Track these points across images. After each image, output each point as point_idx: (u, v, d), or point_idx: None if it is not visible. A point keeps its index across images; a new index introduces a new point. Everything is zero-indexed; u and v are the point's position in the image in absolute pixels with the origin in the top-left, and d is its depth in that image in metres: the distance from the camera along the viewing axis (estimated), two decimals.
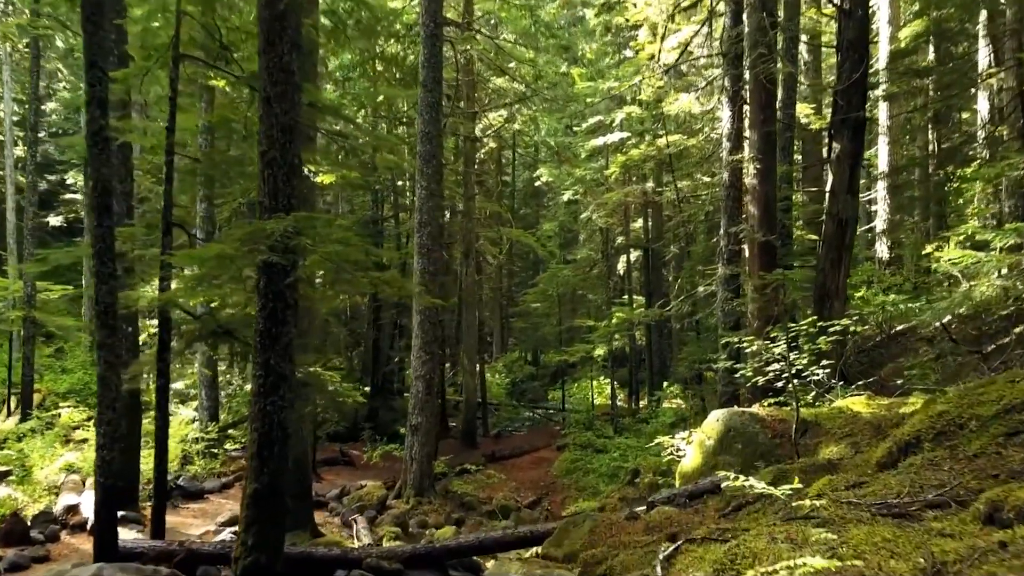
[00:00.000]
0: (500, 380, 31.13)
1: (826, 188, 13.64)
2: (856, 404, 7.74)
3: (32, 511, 11.01)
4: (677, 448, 10.01)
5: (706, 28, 16.32)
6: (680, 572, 3.71)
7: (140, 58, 9.00)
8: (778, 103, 13.61)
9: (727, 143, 12.79)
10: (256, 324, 6.09)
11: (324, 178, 9.61)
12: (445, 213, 23.60)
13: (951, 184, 15.89)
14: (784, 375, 7.79)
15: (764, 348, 7.74)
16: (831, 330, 7.74)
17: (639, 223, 24.41)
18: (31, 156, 19.91)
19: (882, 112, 18.99)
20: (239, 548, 5.83)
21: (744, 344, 8.74)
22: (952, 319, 9.15)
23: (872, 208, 20.69)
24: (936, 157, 19.37)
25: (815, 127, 18.21)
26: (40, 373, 21.30)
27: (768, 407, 8.53)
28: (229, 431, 17.03)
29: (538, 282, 27.46)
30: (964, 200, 16.73)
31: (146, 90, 10.14)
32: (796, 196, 17.36)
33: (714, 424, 8.05)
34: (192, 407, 18.33)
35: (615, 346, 21.16)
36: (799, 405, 7.13)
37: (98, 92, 7.36)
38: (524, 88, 21.45)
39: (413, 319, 13.88)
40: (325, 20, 14.30)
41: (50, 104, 33.11)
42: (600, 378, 27.69)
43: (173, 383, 19.58)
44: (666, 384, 21.10)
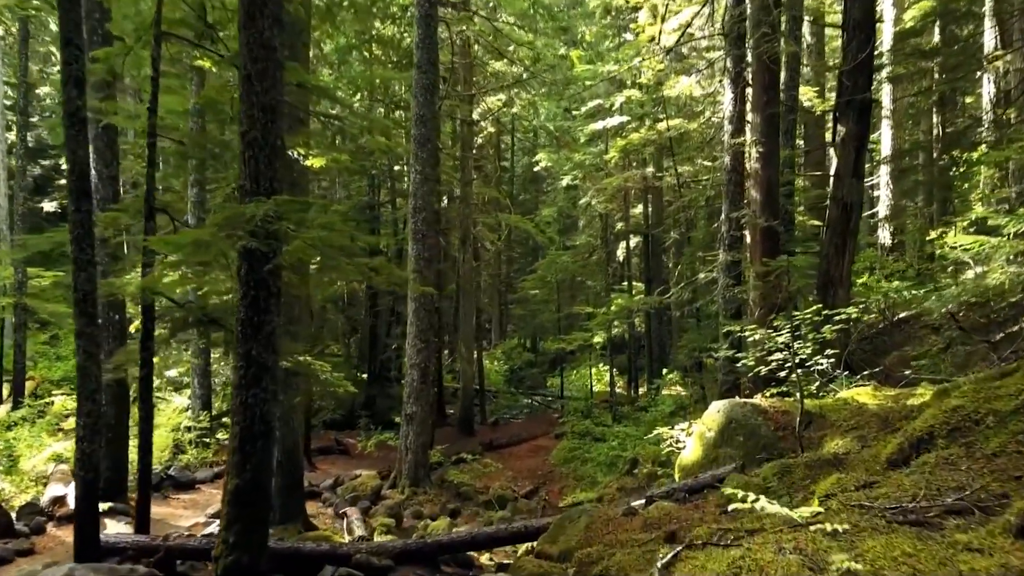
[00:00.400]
0: (498, 367, 30.93)
1: (830, 172, 13.36)
2: (862, 395, 7.49)
3: (18, 502, 10.81)
4: (676, 440, 9.77)
5: (707, 9, 15.94)
6: None
7: (132, 39, 8.69)
8: (781, 85, 13.28)
9: (729, 126, 12.47)
10: (237, 313, 5.83)
11: (314, 161, 9.31)
12: (443, 199, 23.30)
13: (957, 169, 15.59)
14: (787, 364, 7.55)
15: (767, 337, 7.48)
16: (836, 318, 7.49)
17: (639, 209, 24.10)
18: (21, 140, 19.60)
19: (885, 95, 18.63)
20: (220, 547, 5.60)
21: (746, 333, 8.48)
22: (959, 307, 8.88)
23: (875, 194, 20.38)
24: (940, 141, 19.03)
25: (818, 110, 17.87)
26: (34, 360, 21.09)
27: (770, 398, 8.28)
28: (222, 420, 16.79)
29: (537, 268, 27.19)
30: (970, 185, 16.44)
31: (130, 70, 9.84)
32: (798, 181, 17.04)
33: (715, 416, 7.80)
34: (186, 395, 18.11)
35: (614, 333, 20.90)
36: (803, 397, 6.87)
37: (74, 71, 7.06)
38: (522, 71, 21.07)
39: (408, 307, 13.62)
40: (319, 0, 13.96)
41: (44, 88, 32.64)
42: (599, 365, 27.47)
43: (167, 371, 19.40)
44: (665, 371, 20.87)
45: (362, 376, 25.54)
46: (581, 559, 5.48)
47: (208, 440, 15.38)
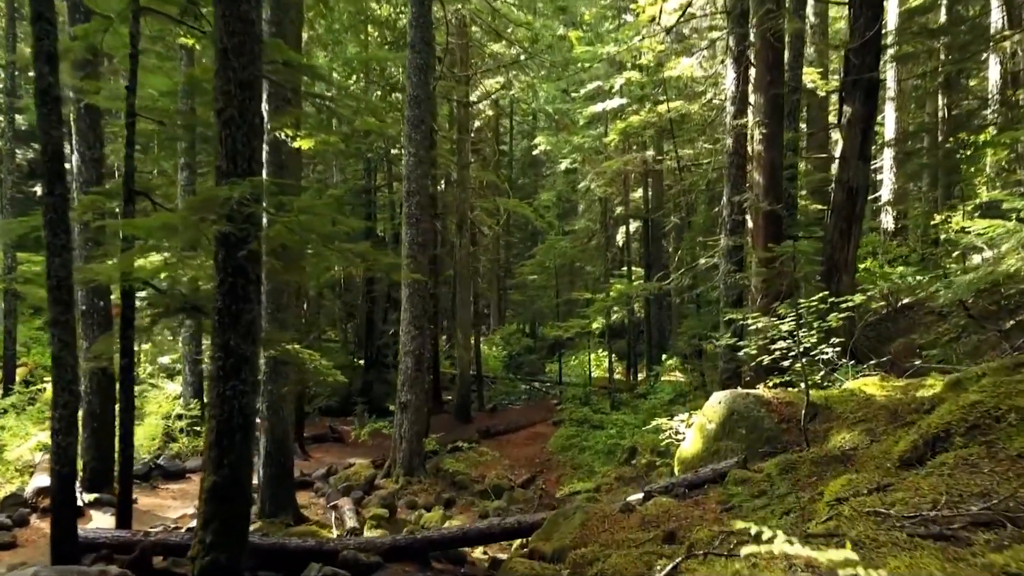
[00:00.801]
0: (497, 353, 30.68)
1: (835, 154, 13.03)
2: (869, 385, 7.21)
3: (2, 493, 10.58)
4: (676, 431, 9.50)
5: None
6: None
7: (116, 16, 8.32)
8: (785, 64, 12.90)
9: (731, 107, 12.11)
10: (214, 301, 5.53)
11: (302, 143, 8.98)
12: (440, 183, 22.92)
13: (963, 152, 15.25)
14: (791, 353, 7.26)
15: (771, 325, 7.19)
16: (843, 306, 7.19)
17: (639, 193, 23.73)
18: (10, 123, 19.22)
19: (890, 76, 18.25)
20: (196, 547, 5.33)
21: (748, 321, 8.19)
22: (971, 294, 8.58)
23: (878, 177, 20.03)
24: (946, 124, 18.65)
25: (822, 92, 17.47)
26: (27, 347, 20.80)
27: (773, 388, 8.00)
28: None
29: (535, 253, 26.87)
30: (976, 169, 16.10)
31: (112, 48, 9.48)
32: (800, 164, 16.68)
33: (716, 407, 7.53)
34: (178, 382, 17.85)
35: (613, 319, 20.61)
36: (809, 388, 6.59)
37: (46, 46, 6.73)
38: (520, 52, 20.63)
39: (402, 292, 13.32)
40: None
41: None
42: (598, 350, 27.20)
43: (160, 358, 19.13)
44: (665, 357, 20.61)
45: (359, 362, 25.29)
46: (575, 560, 5.22)
47: (199, 428, 15.11)
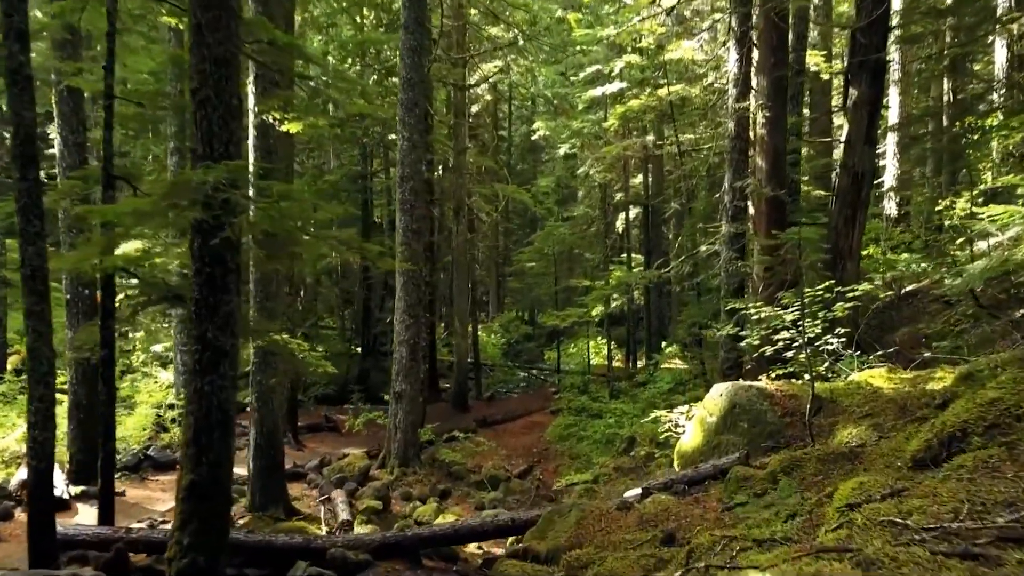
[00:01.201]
0: (496, 340, 30.45)
1: (839, 139, 12.70)
2: (876, 378, 6.95)
3: None
4: (675, 423, 9.25)
5: None
6: None
7: None
8: (788, 46, 12.55)
9: (733, 89, 11.76)
10: (191, 292, 5.26)
11: (290, 127, 8.67)
12: (438, 168, 22.57)
13: (969, 136, 14.93)
14: (795, 344, 7.00)
15: (775, 315, 6.93)
16: (849, 295, 6.93)
17: (639, 178, 23.40)
18: None
19: (894, 59, 17.87)
20: (173, 548, 5.09)
21: (751, 310, 7.92)
22: (985, 283, 8.31)
23: (881, 163, 19.70)
24: (951, 108, 18.30)
25: (825, 75, 17.12)
26: (20, 334, 20.55)
27: (776, 380, 7.74)
28: None
29: (534, 240, 26.56)
30: (983, 154, 15.79)
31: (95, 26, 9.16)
32: (802, 149, 16.35)
33: (717, 399, 7.27)
34: (171, 371, 17.61)
35: (613, 307, 20.34)
36: (814, 380, 6.32)
37: (16, 23, 6.43)
38: (518, 34, 20.24)
39: (396, 281, 13.04)
40: None
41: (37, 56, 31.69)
42: (597, 338, 26.96)
43: (153, 346, 18.88)
44: (665, 344, 20.37)
45: (356, 349, 25.05)
46: (570, 563, 4.99)
47: None
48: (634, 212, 24.90)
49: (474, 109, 24.37)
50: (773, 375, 7.99)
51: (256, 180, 6.62)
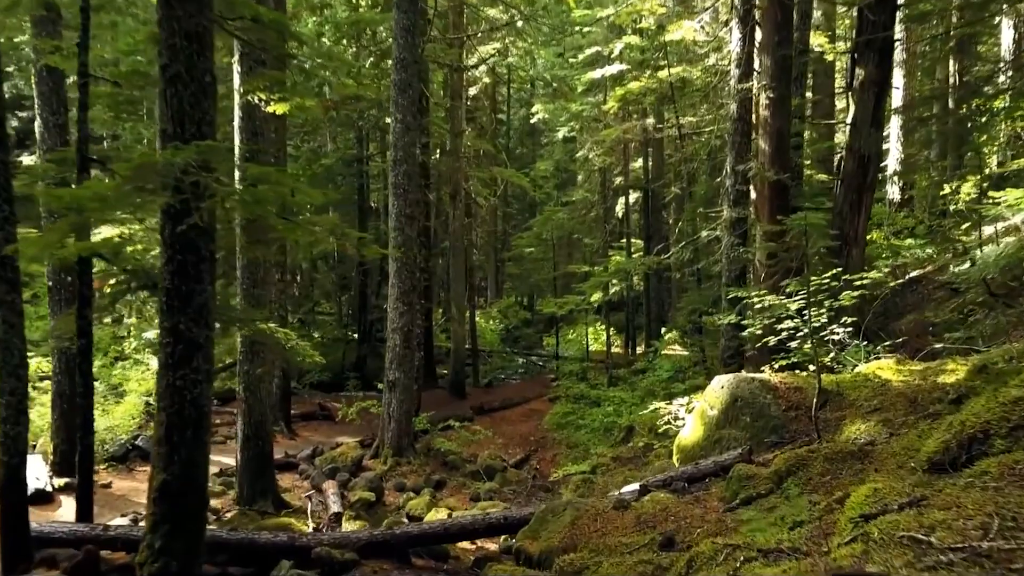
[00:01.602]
0: (494, 326, 30.21)
1: (844, 120, 12.36)
2: (884, 369, 6.66)
3: None
4: (675, 416, 8.97)
5: None
6: None
7: None
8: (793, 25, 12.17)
9: (736, 70, 11.40)
10: (162, 280, 4.96)
11: (276, 108, 8.34)
12: (435, 152, 22.19)
13: (976, 119, 14.58)
14: (800, 334, 6.72)
15: (778, 304, 6.63)
16: (857, 283, 6.63)
17: (639, 162, 23.04)
18: None
19: (899, 40, 17.45)
20: (144, 552, 4.82)
21: (754, 298, 7.63)
22: (998, 271, 8.02)
23: (884, 146, 19.33)
24: (957, 90, 17.90)
25: (829, 56, 16.71)
26: None
27: (780, 372, 7.46)
28: None
29: (532, 225, 26.23)
30: (990, 137, 15.45)
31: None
32: (805, 131, 15.98)
33: (718, 392, 6.99)
34: None
35: (612, 292, 20.05)
36: (821, 373, 6.04)
37: None
38: (516, 15, 19.81)
39: (390, 267, 12.73)
40: None
41: (21, 35, 31.15)
42: (596, 324, 26.70)
43: (144, 333, 18.57)
44: (664, 331, 20.09)
45: (352, 336, 24.79)
46: (563, 567, 4.72)
47: None
48: (634, 196, 24.56)
49: (472, 91, 23.94)
50: (776, 366, 7.72)
51: (242, 162, 6.29)
